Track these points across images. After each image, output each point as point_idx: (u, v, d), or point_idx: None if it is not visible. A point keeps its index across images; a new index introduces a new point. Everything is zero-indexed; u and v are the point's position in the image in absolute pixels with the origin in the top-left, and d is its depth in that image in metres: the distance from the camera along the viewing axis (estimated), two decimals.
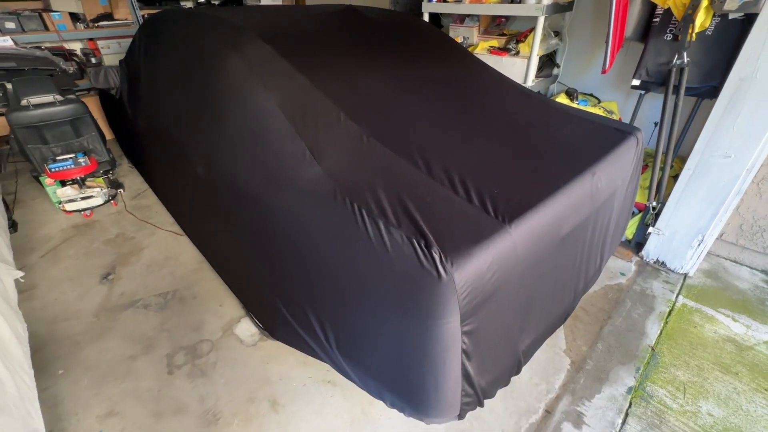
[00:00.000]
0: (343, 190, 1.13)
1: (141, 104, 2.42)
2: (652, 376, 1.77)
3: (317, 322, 1.30)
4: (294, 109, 1.36)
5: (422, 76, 1.75)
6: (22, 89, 2.74)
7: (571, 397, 1.68)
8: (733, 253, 2.47)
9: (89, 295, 2.22)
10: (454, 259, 0.91)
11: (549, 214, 1.12)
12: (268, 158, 1.34)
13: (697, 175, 2.08)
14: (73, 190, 2.91)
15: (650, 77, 2.14)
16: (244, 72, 1.46)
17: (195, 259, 2.46)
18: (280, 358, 1.83)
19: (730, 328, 2.01)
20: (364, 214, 1.05)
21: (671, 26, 2.00)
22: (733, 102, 1.86)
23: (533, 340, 1.35)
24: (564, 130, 1.61)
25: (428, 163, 1.24)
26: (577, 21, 2.61)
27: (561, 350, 1.89)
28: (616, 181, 1.49)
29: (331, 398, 1.67)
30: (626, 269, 2.41)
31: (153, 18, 2.28)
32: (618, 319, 2.06)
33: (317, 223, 1.17)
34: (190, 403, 1.66)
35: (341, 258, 1.12)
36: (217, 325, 2.02)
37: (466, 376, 1.07)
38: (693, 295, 2.21)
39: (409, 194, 1.10)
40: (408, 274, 0.96)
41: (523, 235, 1.05)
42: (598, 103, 2.55)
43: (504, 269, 1.01)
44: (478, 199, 1.11)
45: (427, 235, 0.96)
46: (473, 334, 1.01)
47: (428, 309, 0.95)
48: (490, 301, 1.01)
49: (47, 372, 1.79)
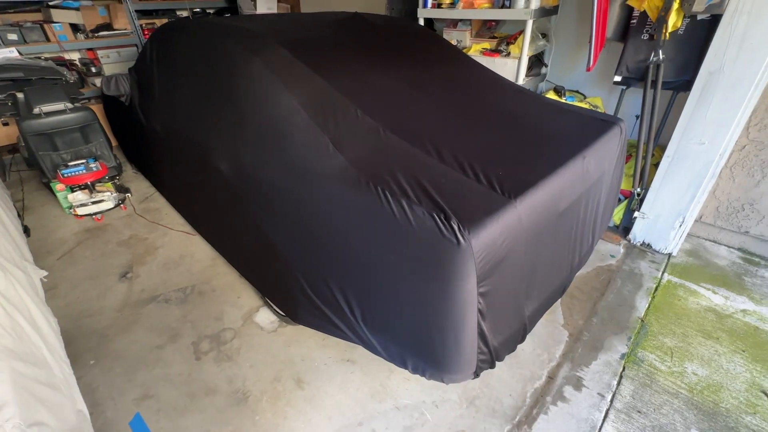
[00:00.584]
0: (366, 176, 1.28)
1: (154, 109, 2.53)
2: (642, 343, 1.95)
3: (343, 298, 1.43)
4: (315, 107, 1.51)
5: (427, 75, 1.92)
6: (34, 98, 2.83)
7: (571, 364, 1.84)
8: (712, 234, 2.68)
9: (110, 293, 2.32)
10: (470, 228, 1.07)
11: (548, 191, 1.29)
12: (294, 152, 1.48)
13: (675, 161, 2.28)
14: (84, 194, 2.99)
15: (630, 73, 2.34)
16: (267, 75, 1.60)
17: (209, 256, 2.57)
18: (300, 342, 1.96)
19: (710, 299, 2.20)
20: (388, 195, 1.19)
21: (647, 27, 2.20)
22: (704, 94, 2.06)
23: (537, 307, 1.51)
24: (555, 121, 1.79)
25: (439, 150, 1.40)
26: (562, 23, 2.82)
27: (560, 324, 2.06)
28: (604, 164, 1.67)
29: (351, 374, 1.80)
30: (615, 252, 2.60)
31: (166, 27, 2.41)
32: (610, 296, 2.24)
33: (345, 206, 1.31)
34: (219, 384, 1.77)
35: (368, 236, 1.26)
36: (238, 315, 2.13)
37: (482, 334, 1.22)
38: (677, 272, 2.40)
39: (425, 177, 1.25)
40: (431, 244, 1.11)
41: (527, 208, 1.21)
42: (584, 99, 2.75)
43: (511, 238, 1.17)
44: (485, 179, 1.27)
45: (445, 209, 1.11)
46: (487, 295, 1.17)
47: (449, 272, 1.10)
48: (500, 265, 1.16)
49: (79, 363, 1.88)
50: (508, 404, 1.67)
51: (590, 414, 1.63)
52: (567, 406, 1.66)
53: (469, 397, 1.70)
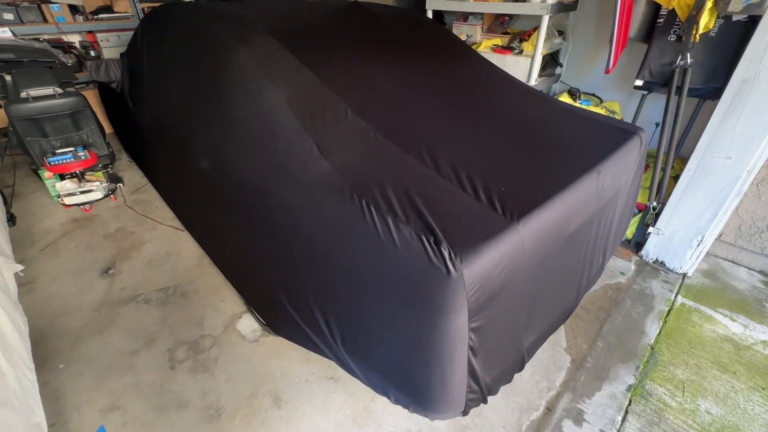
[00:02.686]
0: (351, 185, 1.13)
1: (143, 97, 2.40)
2: (651, 374, 1.79)
3: (322, 318, 1.30)
4: (301, 104, 1.36)
5: (429, 73, 1.75)
6: (22, 81, 2.71)
7: (572, 395, 1.69)
8: (732, 254, 2.49)
9: (90, 290, 2.21)
10: (463, 256, 0.92)
11: (556, 211, 1.13)
12: (276, 153, 1.34)
13: (697, 175, 2.10)
14: (73, 183, 2.89)
15: (653, 78, 2.15)
16: (252, 66, 1.46)
17: (196, 254, 2.46)
18: (282, 354, 1.83)
19: (728, 327, 2.03)
20: (373, 210, 1.05)
21: (675, 27, 2.01)
22: (735, 104, 1.87)
23: (537, 337, 1.36)
24: (569, 128, 1.62)
25: (436, 159, 1.24)
26: (581, 20, 2.62)
27: (562, 348, 1.90)
28: (621, 179, 1.50)
29: (334, 394, 1.67)
30: (626, 269, 2.43)
31: (157, 11, 2.26)
32: (618, 318, 2.07)
33: (325, 219, 1.17)
34: (192, 398, 1.66)
35: (349, 253, 1.12)
36: (219, 321, 2.01)
37: (472, 372, 1.08)
38: (692, 295, 2.23)
39: (417, 190, 1.10)
40: (417, 270, 0.96)
41: (531, 232, 1.05)
42: (600, 103, 2.56)
43: (512, 266, 1.02)
44: (485, 196, 1.12)
45: (435, 231, 0.96)
46: (480, 330, 1.02)
47: (437, 305, 0.96)
48: (497, 297, 1.02)
49: (48, 366, 1.78)
50: None
51: None
52: None
53: (458, 428, 1.56)
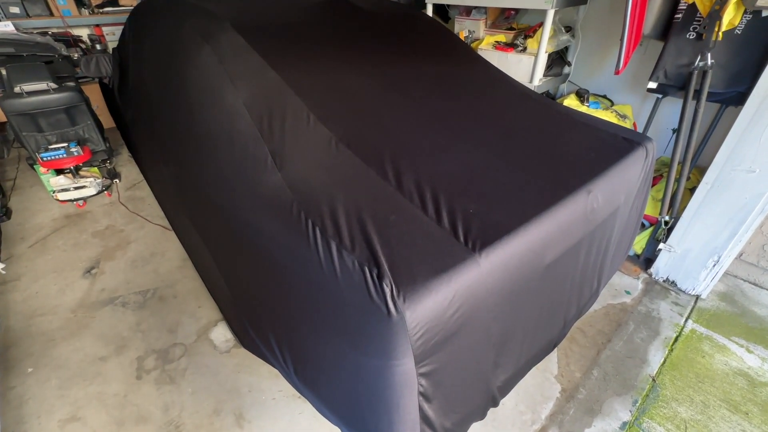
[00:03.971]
0: (300, 202, 1.02)
1: (129, 94, 2.35)
2: (650, 410, 1.62)
3: (275, 340, 1.20)
4: (261, 109, 1.24)
5: (412, 74, 1.60)
6: (15, 76, 2.70)
7: (558, 430, 1.54)
8: (753, 275, 2.26)
9: (70, 290, 2.19)
10: (407, 294, 0.79)
11: (530, 239, 0.98)
12: (232, 161, 1.24)
13: (716, 189, 1.89)
14: (67, 179, 2.88)
15: (669, 80, 1.93)
16: (213, 65, 1.35)
17: (180, 255, 2.40)
18: (251, 368, 1.75)
19: (743, 359, 1.83)
20: (318, 233, 0.93)
21: (695, 23, 1.79)
22: (762, 111, 1.65)
23: (511, 375, 1.22)
24: (564, 138, 1.45)
25: (400, 174, 1.11)
26: (591, 16, 2.40)
27: (552, 375, 1.75)
28: (618, 198, 1.33)
29: (300, 415, 1.58)
30: (632, 287, 2.24)
31: (140, 6, 2.19)
32: (618, 344, 1.90)
33: (274, 238, 1.06)
34: (154, 411, 1.59)
35: (295, 279, 1.01)
36: (193, 328, 1.95)
37: (425, 418, 0.95)
38: (704, 320, 2.03)
39: (370, 212, 0.97)
40: (357, 307, 0.84)
41: (496, 264, 0.91)
42: (610, 106, 2.35)
43: (470, 304, 0.88)
44: (449, 219, 0.98)
45: (381, 262, 0.84)
46: (432, 375, 0.89)
47: (378, 347, 0.83)
48: (452, 339, 0.89)
49: (17, 369, 1.76)
50: None
51: None
52: None
53: None
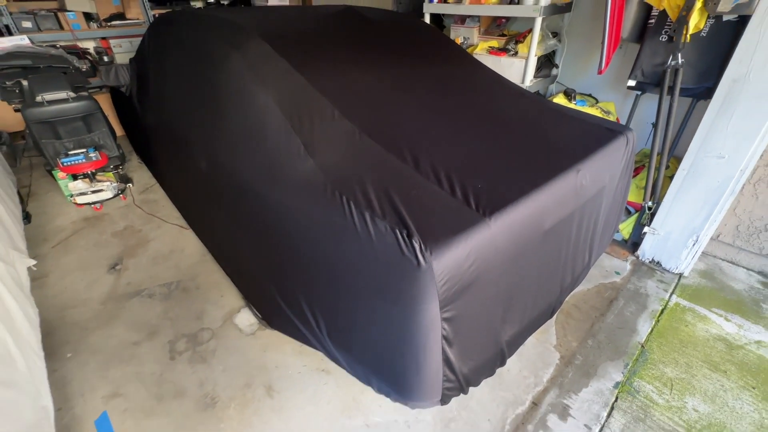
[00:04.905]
0: (333, 183, 1.19)
1: (149, 101, 2.51)
2: (640, 372, 1.80)
3: (309, 310, 1.36)
4: (291, 107, 1.42)
5: (417, 75, 1.80)
6: (37, 86, 2.85)
7: (559, 391, 1.71)
8: (730, 254, 2.47)
9: (97, 284, 2.31)
10: (433, 249, 0.97)
11: (530, 208, 1.17)
12: (265, 153, 1.41)
13: (691, 175, 2.10)
14: (84, 183, 3.01)
15: (646, 78, 2.16)
16: (244, 70, 1.53)
17: (199, 251, 2.54)
18: (276, 347, 1.90)
19: (722, 327, 2.03)
20: (352, 206, 1.10)
21: (666, 27, 2.02)
22: (727, 103, 1.87)
23: (517, 332, 1.39)
24: (554, 128, 1.65)
25: (416, 158, 1.29)
26: (576, 22, 2.64)
27: (551, 345, 1.93)
28: (604, 178, 1.53)
29: (325, 386, 1.73)
30: (621, 268, 2.43)
31: (161, 18, 2.37)
32: (610, 317, 2.09)
33: (309, 215, 1.23)
34: (189, 387, 1.73)
35: (331, 248, 1.18)
36: (218, 315, 2.09)
37: (447, 361, 1.12)
38: (687, 295, 2.23)
39: (395, 188, 1.15)
40: (390, 262, 1.01)
41: (503, 227, 1.09)
42: (595, 104, 2.57)
43: (483, 260, 1.06)
44: (461, 192, 1.16)
45: (409, 225, 1.01)
46: (453, 320, 1.06)
47: (409, 295, 1.00)
48: (469, 289, 1.06)
49: (57, 355, 1.88)
50: (486, 429, 1.57)
51: None
52: None
53: (444, 419, 1.60)
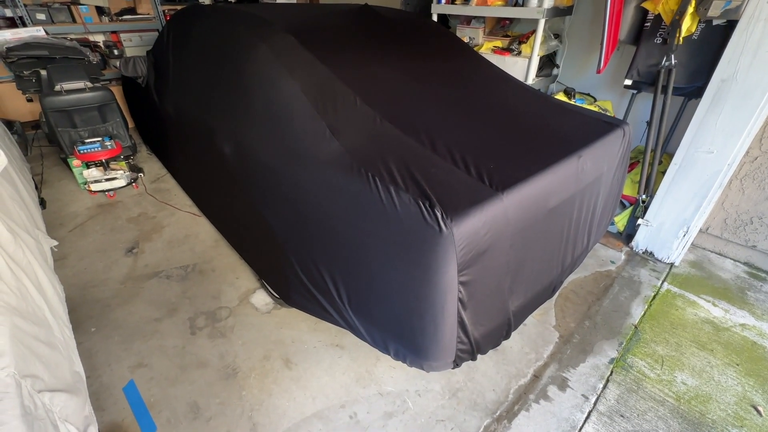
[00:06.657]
0: (359, 161, 1.30)
1: (168, 91, 2.60)
2: (633, 349, 1.93)
3: (331, 280, 1.47)
4: (316, 94, 1.54)
5: (430, 69, 1.93)
6: (56, 75, 2.94)
7: (558, 365, 1.84)
8: (718, 246, 2.62)
9: (116, 266, 2.40)
10: (453, 217, 1.08)
11: (537, 187, 1.29)
12: (293, 136, 1.52)
13: (682, 169, 2.24)
14: (99, 171, 3.10)
15: (641, 78, 2.30)
16: (272, 60, 1.64)
17: (212, 237, 2.64)
18: (292, 324, 2.00)
19: (709, 311, 2.17)
20: (378, 181, 1.22)
21: (661, 30, 2.16)
22: (716, 101, 2.02)
23: (522, 304, 1.51)
24: (557, 120, 1.78)
25: (433, 141, 1.41)
26: (576, 25, 2.78)
27: (551, 326, 2.05)
28: (602, 166, 1.66)
29: (339, 359, 1.84)
30: (616, 258, 2.57)
31: (182, 13, 2.47)
32: (605, 301, 2.22)
33: (335, 191, 1.35)
34: (211, 359, 1.83)
35: (357, 220, 1.29)
36: (234, 295, 2.19)
37: (461, 323, 1.24)
38: (677, 282, 2.36)
39: (415, 166, 1.27)
40: (414, 230, 1.13)
41: (513, 202, 1.22)
42: (594, 102, 2.71)
43: (495, 230, 1.18)
44: (475, 171, 1.28)
45: (430, 196, 1.13)
46: (468, 285, 1.18)
47: (430, 259, 1.12)
48: (483, 256, 1.18)
49: (81, 329, 1.97)
50: (491, 398, 1.68)
51: (572, 414, 1.63)
52: (549, 405, 1.66)
53: (452, 389, 1.71)
